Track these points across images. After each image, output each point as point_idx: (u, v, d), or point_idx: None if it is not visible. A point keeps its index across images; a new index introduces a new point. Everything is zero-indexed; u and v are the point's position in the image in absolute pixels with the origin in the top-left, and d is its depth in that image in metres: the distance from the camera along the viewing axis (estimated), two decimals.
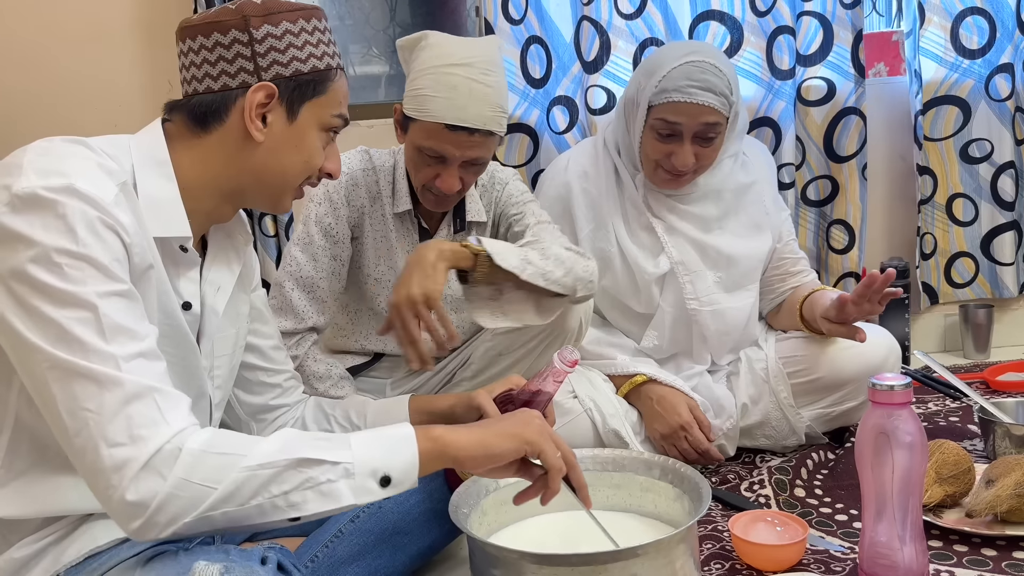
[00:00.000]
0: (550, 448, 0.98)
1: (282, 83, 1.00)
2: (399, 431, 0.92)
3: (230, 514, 0.82)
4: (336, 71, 1.05)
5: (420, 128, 1.44)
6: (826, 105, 2.20)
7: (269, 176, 1.03)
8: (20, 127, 1.98)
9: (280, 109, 1.01)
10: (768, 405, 1.69)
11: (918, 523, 1.15)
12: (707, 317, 1.68)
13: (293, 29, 1.00)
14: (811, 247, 2.28)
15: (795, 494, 1.54)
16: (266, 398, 1.24)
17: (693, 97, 1.54)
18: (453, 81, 1.41)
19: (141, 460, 0.79)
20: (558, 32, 2.13)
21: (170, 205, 0.97)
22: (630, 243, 1.69)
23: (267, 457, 0.84)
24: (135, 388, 0.82)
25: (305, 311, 1.55)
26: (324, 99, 1.03)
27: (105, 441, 0.79)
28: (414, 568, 1.28)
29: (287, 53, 1.00)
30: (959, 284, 2.36)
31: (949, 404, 1.95)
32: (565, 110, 2.16)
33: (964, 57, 2.23)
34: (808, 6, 2.16)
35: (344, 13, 2.33)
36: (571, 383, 1.63)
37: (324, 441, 0.88)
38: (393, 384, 1.72)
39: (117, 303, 0.84)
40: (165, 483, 0.79)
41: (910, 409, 1.13)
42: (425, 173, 1.48)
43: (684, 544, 1.07)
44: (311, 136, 1.04)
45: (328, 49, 1.04)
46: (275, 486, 0.83)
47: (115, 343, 0.82)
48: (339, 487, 0.85)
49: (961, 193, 2.31)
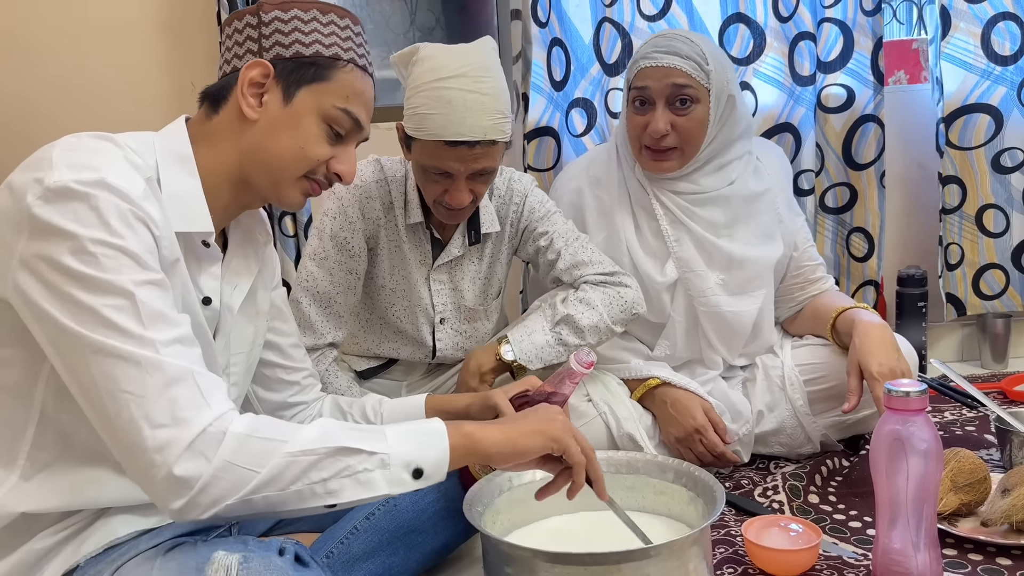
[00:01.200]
0: (573, 445, 1.01)
1: (280, 63, 1.00)
2: (432, 425, 0.95)
3: (271, 498, 0.84)
4: (345, 63, 1.03)
5: (421, 147, 1.43)
6: (845, 112, 2.18)
7: (265, 159, 1.02)
8: (43, 126, 2.00)
9: (277, 89, 1.01)
10: (784, 413, 1.68)
11: (932, 531, 1.15)
12: (705, 317, 1.68)
13: (303, 16, 1.01)
14: (829, 254, 2.27)
15: (809, 500, 1.54)
16: (285, 395, 1.25)
17: (658, 61, 1.57)
18: (448, 96, 1.38)
19: (185, 441, 0.81)
20: (577, 34, 2.13)
21: (193, 200, 0.98)
22: (640, 251, 1.69)
23: (308, 444, 0.86)
24: (176, 371, 0.83)
25: (323, 327, 1.55)
26: (326, 86, 1.02)
27: (148, 422, 0.81)
28: (428, 566, 1.29)
29: (291, 36, 1.01)
30: (988, 296, 2.30)
31: (966, 413, 1.94)
32: (583, 112, 2.16)
33: (995, 63, 2.18)
34: (829, 12, 2.15)
35: (364, 17, 2.34)
36: (585, 387, 1.63)
37: (362, 432, 0.90)
38: (409, 386, 1.73)
39: (152, 291, 0.86)
40: (210, 464, 0.81)
41: (926, 416, 1.12)
42: (433, 189, 1.47)
43: (697, 546, 1.08)
44: (307, 122, 1.02)
45: (341, 44, 1.03)
46: (315, 473, 0.85)
47: (153, 329, 0.84)
48: (375, 477, 0.88)
49: (992, 204, 2.24)
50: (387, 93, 2.38)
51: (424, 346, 1.66)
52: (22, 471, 0.92)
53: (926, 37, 2.29)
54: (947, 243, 2.27)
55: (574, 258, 1.61)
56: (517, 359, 1.52)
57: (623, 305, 1.58)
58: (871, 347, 1.53)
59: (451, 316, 1.65)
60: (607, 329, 1.58)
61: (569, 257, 1.61)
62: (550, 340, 1.55)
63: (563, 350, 1.55)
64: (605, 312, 1.56)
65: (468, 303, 1.65)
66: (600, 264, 1.61)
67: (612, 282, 1.60)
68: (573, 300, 1.57)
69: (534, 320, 1.58)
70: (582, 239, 1.64)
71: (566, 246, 1.62)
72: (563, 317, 1.55)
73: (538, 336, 1.54)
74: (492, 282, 1.69)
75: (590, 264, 1.61)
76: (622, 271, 1.63)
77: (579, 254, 1.61)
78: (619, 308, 1.58)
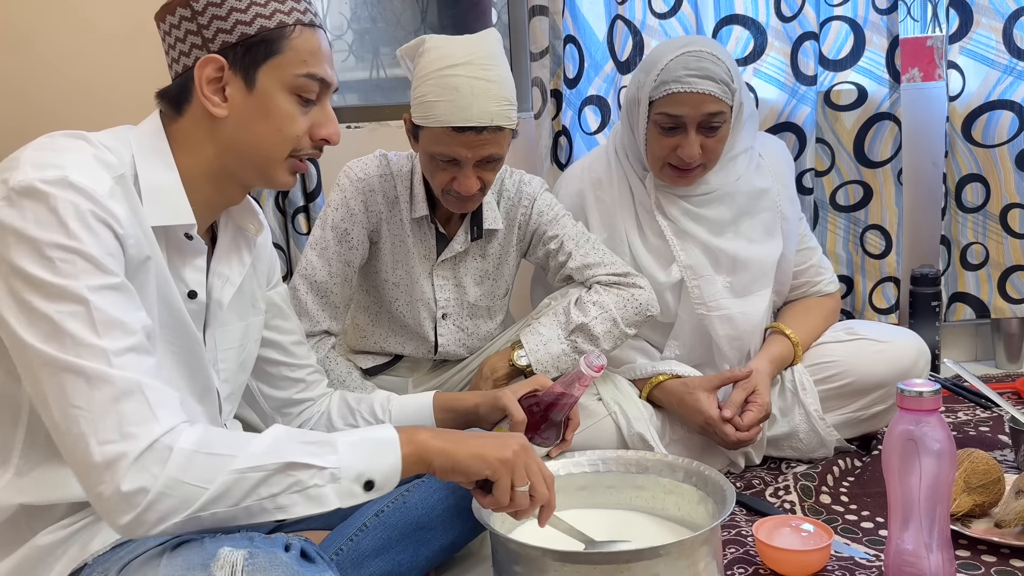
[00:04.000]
0: (506, 480, 0.97)
1: (230, 51, 0.96)
2: (384, 434, 0.93)
3: (219, 515, 0.83)
4: (292, 28, 0.98)
5: (429, 134, 1.44)
6: (857, 110, 2.17)
7: (246, 150, 1.00)
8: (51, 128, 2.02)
9: (237, 79, 0.97)
10: (796, 418, 1.67)
11: (945, 532, 1.14)
12: (715, 322, 1.67)
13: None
14: (841, 252, 2.26)
15: (821, 500, 1.53)
16: (290, 392, 1.25)
17: (692, 86, 1.53)
18: (454, 83, 1.40)
19: (132, 456, 0.80)
20: (591, 31, 2.13)
21: (172, 192, 0.97)
22: (643, 251, 1.69)
23: (257, 460, 0.84)
24: (125, 385, 0.82)
25: (318, 315, 1.58)
26: (282, 59, 0.98)
27: (96, 438, 0.80)
28: (437, 563, 1.28)
29: (229, 19, 0.96)
30: (1016, 299, 2.24)
31: (979, 413, 1.92)
32: (597, 110, 2.16)
33: (1018, 59, 2.13)
34: (838, 11, 2.14)
35: (376, 15, 2.35)
36: (596, 386, 1.63)
37: (313, 444, 0.88)
38: (415, 382, 1.73)
39: (109, 296, 0.85)
40: (156, 481, 0.80)
41: (939, 416, 1.11)
42: (441, 178, 1.48)
43: (707, 546, 1.07)
44: (277, 101, 0.98)
45: (280, 6, 0.98)
46: (264, 489, 0.84)
47: (107, 337, 0.83)
48: (326, 491, 0.86)
49: (1017, 203, 2.20)
50: (396, 91, 2.39)
51: (427, 341, 1.66)
52: (16, 468, 0.93)
53: (941, 34, 2.26)
54: (969, 243, 2.24)
55: (585, 259, 1.61)
56: (533, 367, 1.53)
57: (637, 307, 1.58)
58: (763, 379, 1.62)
59: (454, 312, 1.65)
60: (621, 333, 1.58)
61: (580, 258, 1.61)
62: (566, 349, 1.55)
63: (579, 358, 1.54)
64: (619, 315, 1.56)
65: (471, 299, 1.66)
66: (612, 265, 1.61)
67: (625, 283, 1.59)
68: (586, 303, 1.57)
69: (548, 327, 1.57)
70: (592, 240, 1.64)
71: (576, 247, 1.62)
72: (578, 326, 1.55)
73: (554, 346, 1.55)
74: (500, 282, 1.69)
75: (602, 265, 1.61)
76: (635, 272, 1.62)
77: (590, 255, 1.61)
78: (633, 310, 1.57)
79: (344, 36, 2.32)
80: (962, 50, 2.16)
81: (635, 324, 1.59)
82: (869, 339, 1.68)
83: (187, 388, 1.03)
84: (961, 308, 2.28)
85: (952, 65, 2.16)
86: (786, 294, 1.82)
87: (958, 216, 2.24)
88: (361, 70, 2.36)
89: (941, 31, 2.27)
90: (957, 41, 2.16)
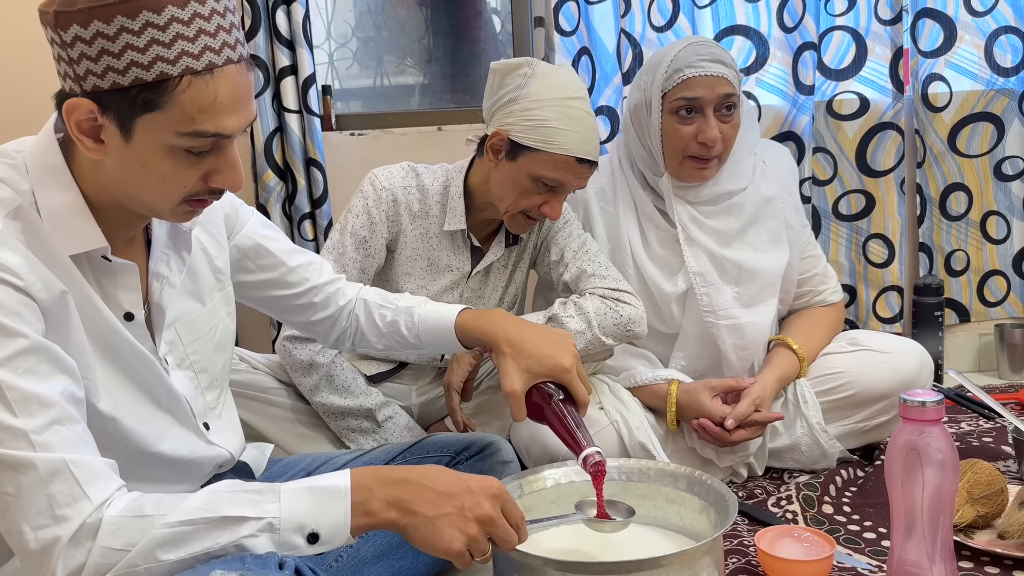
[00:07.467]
0: (463, 563, 0.92)
1: (103, 96, 0.82)
2: (336, 482, 0.89)
3: (153, 570, 0.81)
4: (176, 81, 0.82)
5: (545, 159, 1.46)
6: (859, 119, 2.19)
7: (131, 192, 0.89)
8: None
9: (111, 126, 0.84)
10: (799, 431, 1.67)
11: (948, 543, 1.13)
12: (723, 331, 1.67)
13: (106, 31, 0.80)
14: (844, 261, 2.26)
15: (823, 511, 1.52)
16: (307, 316, 1.26)
17: (706, 70, 1.56)
18: (578, 115, 1.47)
19: (65, 539, 0.80)
20: (602, 43, 2.15)
21: (75, 216, 0.88)
22: (648, 262, 1.69)
23: (189, 514, 0.83)
24: (51, 466, 0.80)
25: None
26: (162, 116, 0.83)
27: (28, 524, 0.80)
28: (437, 571, 1.28)
29: (100, 62, 0.81)
30: (991, 303, 2.35)
31: (982, 424, 1.92)
32: (607, 120, 2.17)
33: (998, 75, 2.22)
34: (840, 21, 2.16)
35: (380, 23, 2.35)
36: (598, 395, 1.62)
37: (253, 494, 0.86)
38: (419, 390, 1.73)
39: (22, 364, 0.81)
40: (90, 555, 0.80)
41: (942, 426, 1.11)
42: (532, 200, 1.50)
43: (709, 556, 1.07)
44: (156, 158, 0.86)
45: (165, 51, 0.81)
46: (197, 544, 0.82)
47: (24, 415, 0.80)
48: (261, 542, 0.84)
49: (995, 211, 2.30)
50: (399, 99, 2.39)
51: None
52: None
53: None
54: (953, 249, 2.31)
55: (581, 269, 1.61)
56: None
57: (617, 319, 1.56)
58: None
59: None
60: (595, 339, 1.55)
61: (576, 269, 1.62)
62: None
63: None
64: (596, 322, 1.55)
65: (477, 298, 1.66)
66: (607, 279, 1.60)
67: (613, 296, 1.59)
68: (568, 303, 1.58)
69: (529, 316, 1.59)
70: (593, 251, 1.64)
71: (575, 258, 1.63)
72: (552, 316, 1.56)
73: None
74: (510, 291, 1.70)
75: (596, 277, 1.61)
76: (628, 290, 1.61)
77: (588, 266, 1.61)
78: (612, 321, 1.56)
79: (349, 44, 2.33)
80: (924, 66, 2.21)
81: (613, 335, 1.56)
82: (872, 350, 1.68)
83: (147, 402, 1.00)
84: (948, 313, 2.33)
85: (938, 77, 2.22)
86: (790, 303, 1.81)
87: (942, 224, 2.29)
88: (365, 78, 2.37)
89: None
90: (942, 55, 2.22)
